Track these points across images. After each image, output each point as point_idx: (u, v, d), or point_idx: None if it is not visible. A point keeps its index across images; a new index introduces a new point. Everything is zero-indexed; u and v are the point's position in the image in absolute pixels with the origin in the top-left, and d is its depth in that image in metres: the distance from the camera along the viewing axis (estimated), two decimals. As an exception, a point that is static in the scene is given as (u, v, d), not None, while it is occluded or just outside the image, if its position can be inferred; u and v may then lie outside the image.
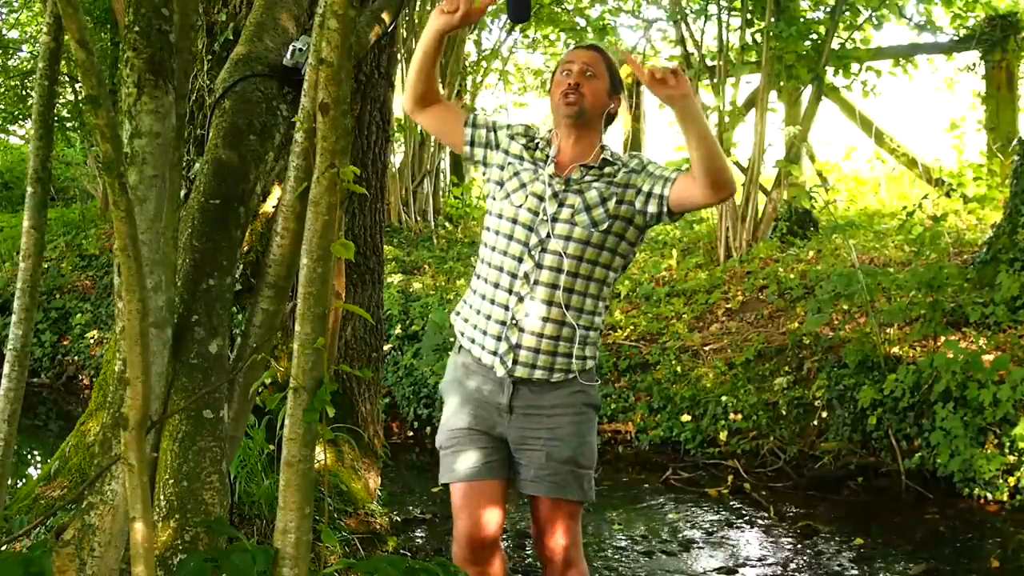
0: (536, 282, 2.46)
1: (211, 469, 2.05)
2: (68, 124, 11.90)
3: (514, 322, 2.47)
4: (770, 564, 4.13)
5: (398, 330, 7.20)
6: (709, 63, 8.98)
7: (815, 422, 5.53)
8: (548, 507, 2.52)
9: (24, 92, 12.08)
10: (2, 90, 12.57)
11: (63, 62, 3.21)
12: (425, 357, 6.65)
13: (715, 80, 8.56)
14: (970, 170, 9.63)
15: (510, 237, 2.50)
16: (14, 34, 13.37)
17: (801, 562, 4.14)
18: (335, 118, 1.69)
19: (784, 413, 5.64)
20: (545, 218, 2.47)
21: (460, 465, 2.55)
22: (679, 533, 4.56)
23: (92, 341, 8.55)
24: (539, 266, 2.46)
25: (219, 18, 3.47)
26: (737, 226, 8.40)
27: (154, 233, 2.01)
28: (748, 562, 4.16)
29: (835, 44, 8.39)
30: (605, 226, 2.47)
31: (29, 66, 12.18)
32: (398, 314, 7.33)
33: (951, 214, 8.81)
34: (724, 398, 5.85)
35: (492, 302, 2.51)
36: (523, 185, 2.52)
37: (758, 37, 8.35)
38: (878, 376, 5.28)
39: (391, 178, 10.43)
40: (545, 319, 2.46)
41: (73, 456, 3.56)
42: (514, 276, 2.48)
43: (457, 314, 2.65)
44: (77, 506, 2.04)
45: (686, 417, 5.91)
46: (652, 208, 2.47)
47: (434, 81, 2.59)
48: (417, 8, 10.45)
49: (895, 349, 5.51)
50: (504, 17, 11.61)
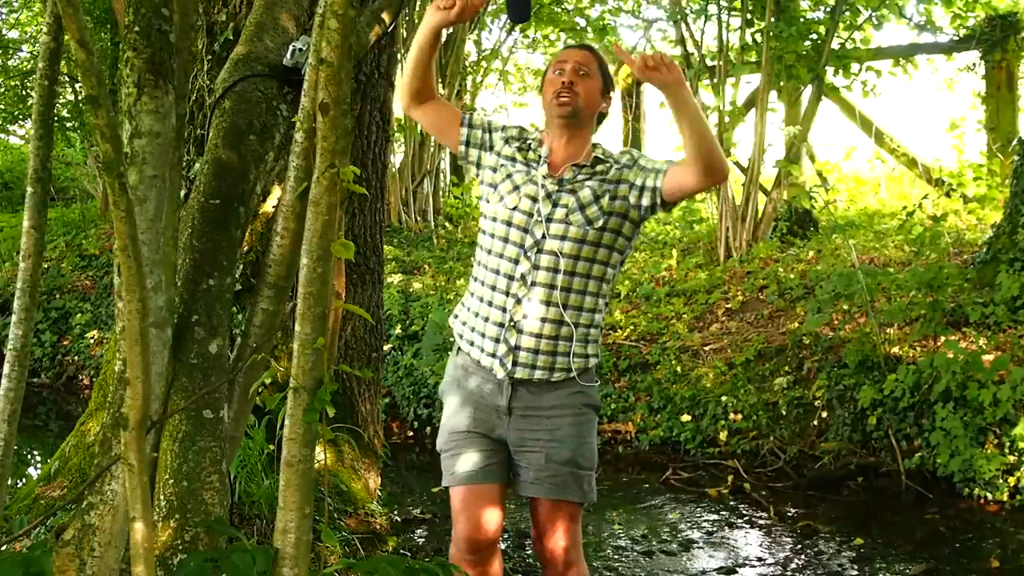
0: (533, 283, 2.46)
1: (211, 469, 2.06)
2: (68, 124, 11.90)
3: (512, 324, 2.47)
4: (770, 564, 4.13)
5: (398, 330, 7.20)
6: (709, 63, 8.98)
7: (815, 422, 5.53)
8: (548, 508, 2.52)
9: (24, 92, 12.08)
10: (2, 90, 12.57)
11: (63, 62, 3.21)
12: (425, 357, 6.65)
13: (715, 80, 8.56)
14: (970, 170, 9.64)
15: (505, 239, 2.50)
16: (14, 34, 13.38)
17: (801, 562, 4.14)
18: (335, 118, 1.69)
19: (784, 413, 5.64)
20: (540, 219, 2.47)
21: (459, 468, 2.55)
22: (679, 533, 4.55)
23: (92, 341, 8.55)
24: (535, 267, 2.46)
25: (219, 18, 3.47)
26: (737, 226, 8.40)
27: (154, 233, 2.01)
28: (748, 562, 4.16)
29: (835, 44, 8.39)
30: (600, 223, 2.47)
31: (29, 66, 12.18)
32: (398, 314, 7.33)
33: (951, 214, 8.81)
34: (724, 398, 5.85)
35: (490, 304, 2.51)
36: (516, 187, 2.51)
37: (758, 37, 8.35)
38: (878, 376, 5.28)
39: (391, 178, 10.43)
40: (543, 319, 2.46)
41: (73, 456, 3.56)
42: (511, 278, 2.48)
43: (455, 317, 2.65)
44: (77, 506, 2.04)
45: (686, 417, 5.91)
46: (646, 201, 2.48)
47: (430, 77, 2.57)
48: (417, 8, 10.45)
49: (895, 349, 5.51)
50: (504, 17, 11.62)
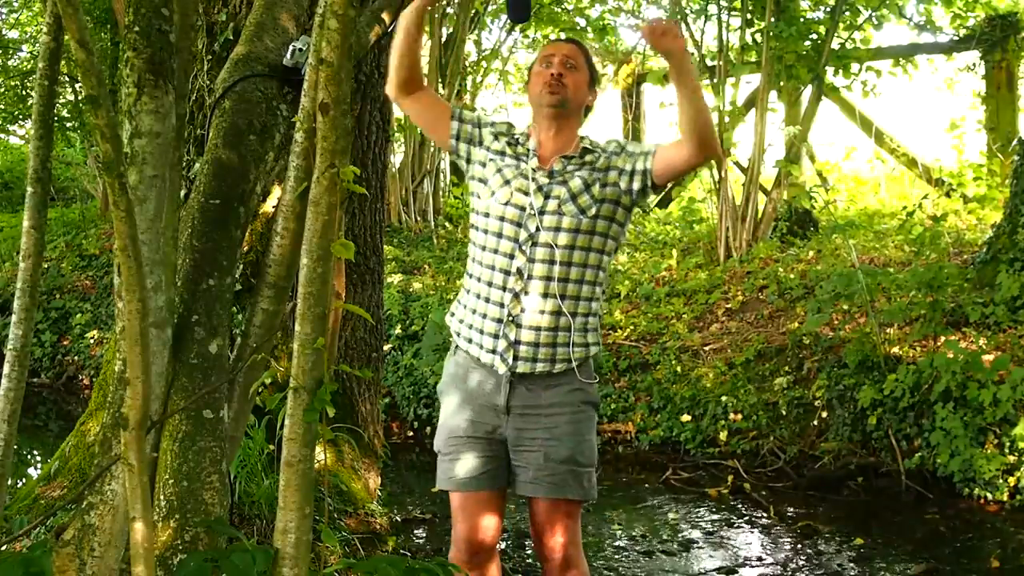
0: (530, 276, 2.46)
1: (211, 469, 2.05)
2: (68, 124, 11.90)
3: (511, 318, 2.46)
4: (770, 564, 4.13)
5: (398, 330, 7.20)
6: (709, 63, 8.98)
7: (815, 422, 5.53)
8: (547, 507, 2.51)
9: (24, 92, 12.08)
10: (2, 90, 12.57)
11: (63, 62, 3.21)
12: (425, 357, 6.65)
13: (715, 80, 8.56)
14: (970, 170, 9.63)
15: (499, 235, 2.50)
16: (14, 34, 13.38)
17: (801, 562, 4.14)
18: (335, 118, 1.69)
19: (784, 413, 5.64)
20: (532, 212, 2.47)
21: (459, 473, 2.54)
22: (679, 533, 4.55)
23: (92, 341, 8.55)
24: (531, 260, 2.46)
25: (219, 18, 3.47)
26: (737, 226, 8.40)
27: (154, 233, 2.01)
28: (748, 562, 4.16)
29: (835, 44, 8.39)
30: (593, 211, 2.47)
31: (29, 66, 12.18)
32: (398, 314, 7.33)
33: (951, 214, 8.82)
34: (724, 398, 5.85)
35: (487, 300, 2.50)
36: (507, 182, 2.51)
37: (758, 37, 8.35)
38: (878, 376, 5.28)
39: (391, 178, 10.43)
40: (542, 312, 2.46)
41: (73, 456, 3.56)
42: (507, 273, 2.48)
43: (452, 315, 2.64)
44: (77, 506, 2.04)
45: (686, 417, 5.91)
46: (636, 185, 2.49)
47: (418, 65, 2.55)
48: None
49: (895, 349, 5.51)
50: (504, 17, 11.62)
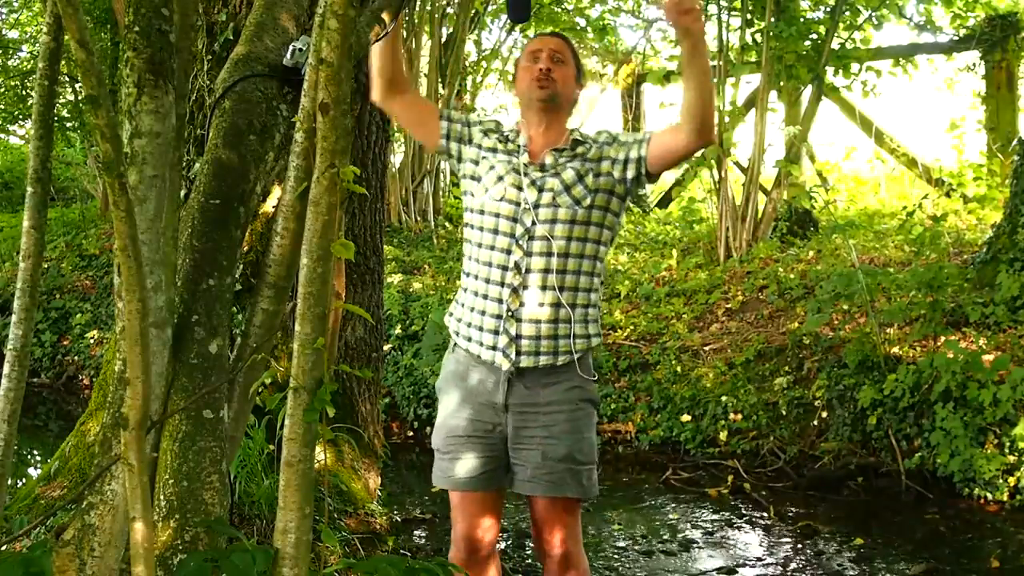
0: (528, 270, 2.46)
1: (211, 469, 2.05)
2: (68, 124, 11.91)
3: (511, 313, 2.46)
4: (770, 564, 4.13)
5: (398, 330, 7.20)
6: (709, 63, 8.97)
7: (815, 422, 5.53)
8: (546, 505, 2.51)
9: (24, 92, 12.08)
10: (2, 90, 12.57)
11: (63, 62, 3.21)
12: (425, 357, 6.65)
13: (715, 80, 8.54)
14: (970, 170, 9.64)
15: (495, 231, 2.50)
16: (14, 34, 13.38)
17: (801, 562, 4.14)
18: (335, 118, 1.69)
19: (784, 413, 5.64)
20: (527, 206, 2.47)
21: (458, 473, 2.54)
22: (679, 533, 4.56)
23: (92, 341, 8.55)
24: (528, 254, 2.46)
25: (219, 18, 3.47)
26: (737, 226, 8.40)
27: (154, 233, 2.01)
28: (748, 562, 4.16)
29: (835, 44, 8.39)
30: (588, 202, 2.47)
31: (29, 66, 12.18)
32: (398, 314, 7.33)
33: (951, 214, 8.82)
34: (724, 398, 5.85)
35: (485, 297, 2.50)
36: (500, 178, 2.51)
37: (758, 37, 8.35)
38: (878, 376, 5.28)
39: (391, 178, 10.43)
40: (541, 304, 2.46)
41: (73, 456, 3.56)
42: (504, 268, 2.48)
43: (450, 315, 2.64)
44: (77, 506, 2.04)
45: (686, 417, 5.91)
46: (630, 173, 2.49)
47: (400, 63, 2.55)
48: (417, 8, 10.45)
49: (895, 349, 5.51)
50: (504, 17, 11.61)
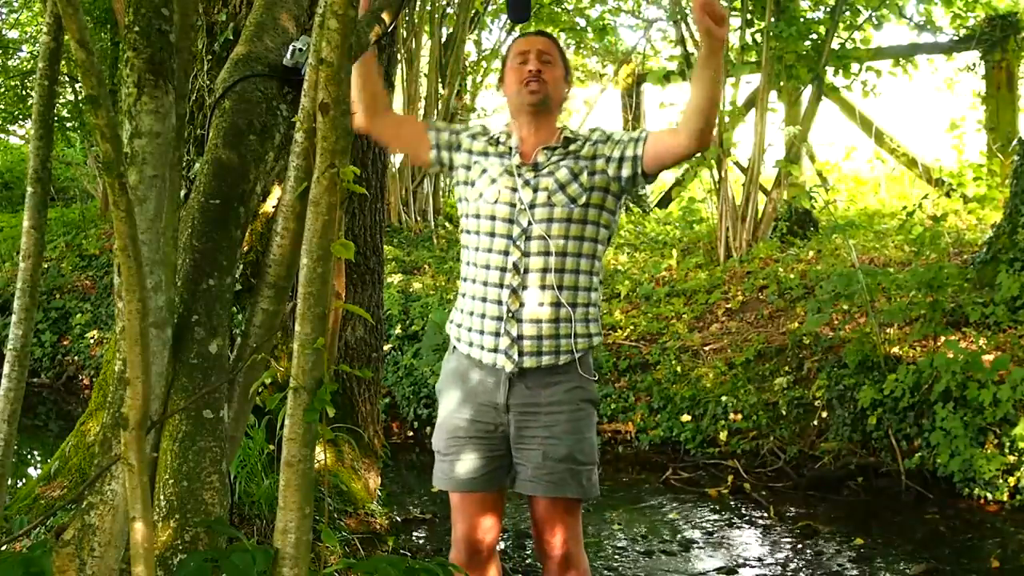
0: (526, 270, 2.46)
1: (211, 469, 2.05)
2: (68, 124, 11.91)
3: (511, 314, 2.46)
4: (770, 564, 4.13)
5: (398, 330, 7.20)
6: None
7: (815, 422, 5.53)
8: (546, 506, 2.51)
9: (24, 92, 12.08)
10: (2, 90, 12.57)
11: (63, 62, 3.21)
12: (425, 357, 6.65)
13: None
14: (970, 170, 9.64)
15: (492, 234, 2.50)
16: (14, 34, 13.39)
17: (801, 562, 4.14)
18: (335, 118, 1.69)
19: (784, 413, 5.64)
20: (523, 207, 2.47)
21: (458, 473, 2.54)
22: (679, 533, 4.56)
23: (92, 341, 8.55)
24: (526, 254, 2.46)
25: (219, 18, 3.48)
26: (737, 226, 8.40)
27: (154, 233, 2.01)
28: (748, 562, 4.16)
29: (835, 44, 8.39)
30: (583, 200, 2.47)
31: (29, 66, 12.18)
32: (398, 314, 7.33)
33: (951, 214, 8.82)
34: (724, 398, 5.85)
35: (484, 300, 2.50)
36: (494, 180, 2.51)
37: (758, 37, 8.35)
38: (878, 376, 5.28)
39: (391, 178, 10.42)
40: (541, 304, 2.46)
41: (73, 456, 3.56)
42: (503, 270, 2.48)
43: (451, 322, 2.64)
44: (77, 506, 2.04)
45: (686, 417, 5.91)
46: (626, 171, 2.48)
47: (378, 83, 2.55)
48: (417, 8, 10.45)
49: (895, 349, 5.51)
50: (504, 17, 11.62)
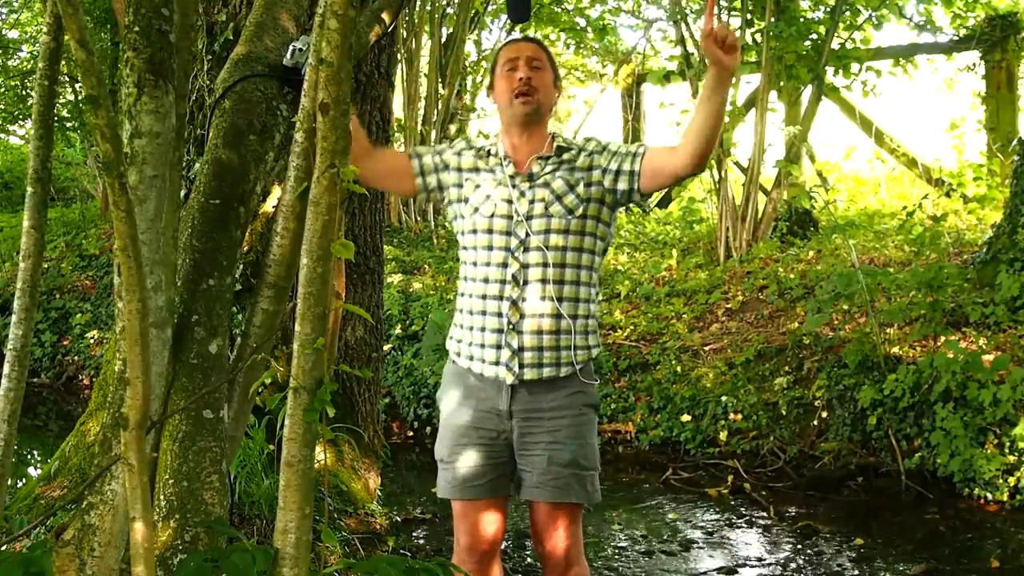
0: (525, 282, 2.46)
1: (211, 469, 2.05)
2: (68, 124, 11.90)
3: (511, 326, 2.46)
4: (770, 564, 4.13)
5: (398, 330, 7.20)
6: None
7: (815, 422, 5.53)
8: (549, 510, 2.51)
9: (24, 92, 12.08)
10: (2, 90, 12.57)
11: (63, 62, 3.21)
12: (425, 357, 6.65)
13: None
14: (970, 170, 9.64)
15: (489, 247, 2.49)
16: (14, 34, 13.38)
17: (801, 562, 4.14)
18: (335, 118, 1.69)
19: (784, 413, 5.64)
20: (520, 218, 2.46)
21: (462, 480, 2.53)
22: (679, 533, 4.55)
23: (92, 341, 8.55)
24: (525, 266, 2.46)
25: (219, 18, 3.48)
26: (737, 226, 8.40)
27: (154, 233, 2.01)
28: (748, 562, 4.16)
29: (835, 44, 8.39)
30: (580, 211, 2.47)
31: (29, 66, 12.18)
32: (398, 314, 7.33)
33: (951, 214, 8.82)
34: (724, 398, 5.85)
35: (483, 313, 2.50)
36: (488, 195, 2.50)
37: (758, 37, 8.35)
38: (878, 376, 5.28)
39: (391, 178, 10.39)
40: (541, 315, 2.45)
41: (73, 456, 3.56)
42: (502, 282, 2.47)
43: (451, 338, 2.63)
44: (77, 506, 2.04)
45: (686, 417, 5.91)
46: (622, 185, 2.47)
47: (362, 135, 2.54)
48: (417, 8, 10.45)
49: (895, 349, 5.51)
50: (504, 17, 11.62)
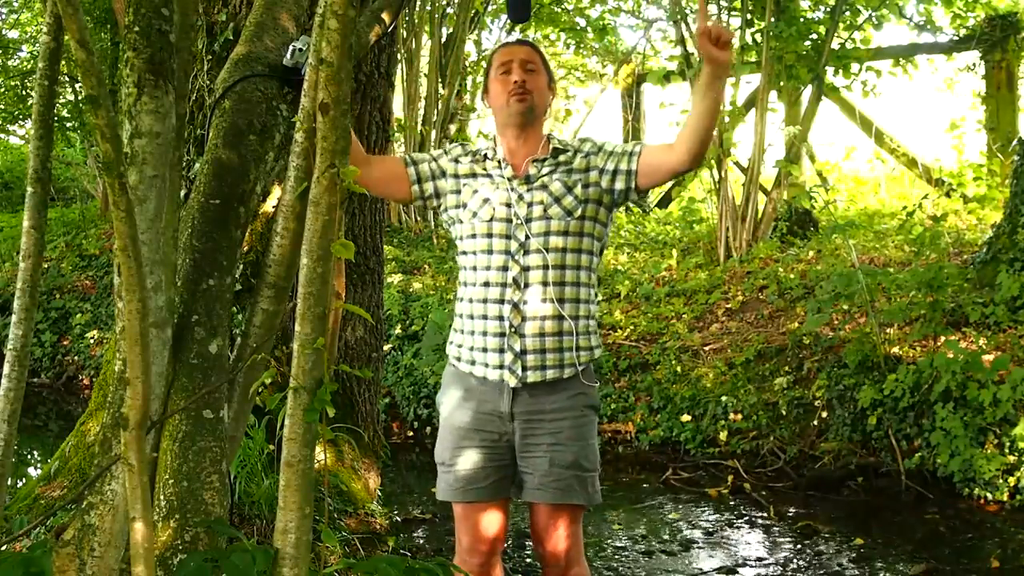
0: (526, 285, 2.46)
1: (211, 469, 2.05)
2: (68, 124, 11.91)
3: (513, 329, 2.46)
4: (770, 564, 4.13)
5: (398, 330, 7.20)
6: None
7: (815, 422, 5.53)
8: (550, 512, 2.51)
9: (24, 92, 12.08)
10: (2, 90, 12.57)
11: (63, 62, 3.21)
12: (425, 357, 6.65)
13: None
14: (970, 170, 9.64)
15: (489, 251, 2.49)
16: (14, 34, 13.38)
17: (801, 562, 4.14)
18: (335, 118, 1.69)
19: (784, 413, 5.64)
20: (519, 221, 2.47)
21: (463, 483, 2.53)
22: (679, 533, 4.56)
23: (92, 341, 8.55)
24: (525, 269, 2.46)
25: (219, 18, 3.48)
26: (737, 226, 8.40)
27: (154, 233, 2.01)
28: (748, 562, 4.16)
29: (835, 44, 8.39)
30: (579, 212, 2.48)
31: (29, 66, 12.18)
32: (398, 314, 7.33)
33: (951, 214, 8.82)
34: (724, 398, 5.85)
35: (485, 318, 2.49)
36: (487, 199, 2.50)
37: (758, 37, 8.35)
38: (878, 376, 5.28)
39: (391, 178, 10.39)
40: (543, 318, 2.46)
41: (73, 456, 3.56)
42: (503, 285, 2.47)
43: (450, 343, 2.62)
44: (77, 506, 2.04)
45: (686, 417, 5.91)
46: (620, 185, 2.48)
47: (359, 148, 2.52)
48: (417, 8, 10.45)
49: (895, 349, 5.51)
50: (504, 17, 11.62)
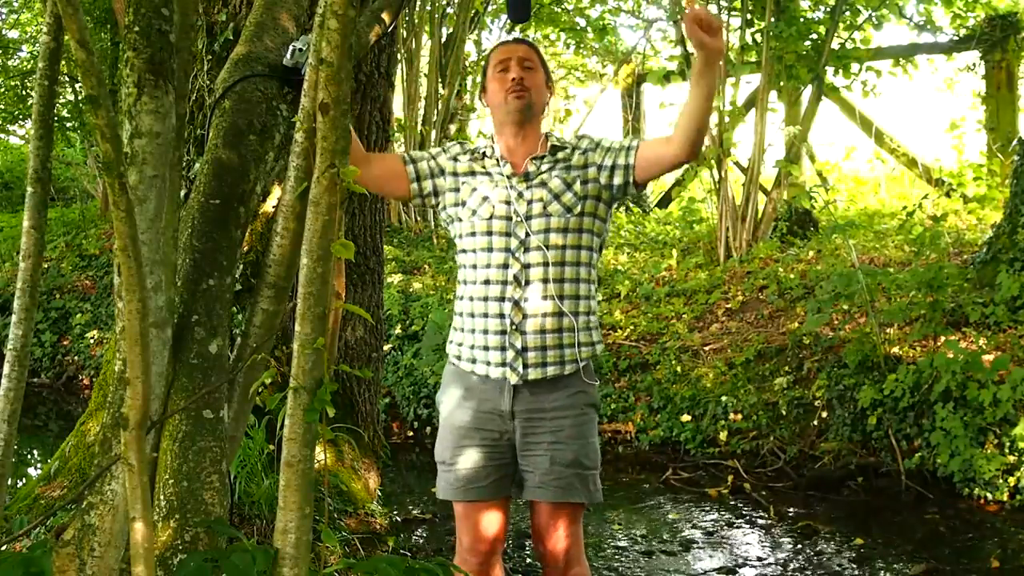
0: (527, 282, 2.46)
1: (211, 469, 2.05)
2: (68, 124, 11.91)
3: (514, 327, 2.46)
4: (770, 564, 4.13)
5: (398, 330, 7.20)
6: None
7: (815, 422, 5.53)
8: (550, 510, 2.51)
9: (24, 92, 12.09)
10: (2, 90, 12.57)
11: (63, 62, 3.21)
12: (425, 357, 6.66)
13: (716, 80, 8.55)
14: (970, 170, 9.64)
15: (489, 249, 2.49)
16: (14, 34, 13.39)
17: (801, 562, 4.14)
18: (335, 118, 1.69)
19: (784, 413, 5.64)
20: (519, 219, 2.47)
21: (463, 481, 2.53)
22: (679, 533, 4.56)
23: (92, 341, 8.56)
24: (526, 266, 2.46)
25: (219, 18, 3.48)
26: (737, 226, 8.40)
27: (154, 233, 2.01)
28: (748, 562, 4.16)
29: (835, 44, 8.39)
30: (578, 209, 2.49)
31: (29, 66, 12.19)
32: (398, 314, 7.33)
33: (951, 214, 8.83)
34: (724, 398, 5.85)
35: (486, 316, 2.49)
36: (486, 197, 2.51)
37: (758, 37, 8.35)
38: (878, 376, 5.28)
39: (391, 178, 10.38)
40: (544, 315, 2.46)
41: (73, 456, 3.56)
42: (504, 283, 2.48)
43: (451, 342, 2.63)
44: (77, 506, 2.04)
45: (686, 417, 5.91)
46: (618, 180, 2.50)
47: (358, 146, 2.52)
48: (417, 8, 10.45)
49: (895, 349, 5.51)
50: (504, 17, 11.62)
